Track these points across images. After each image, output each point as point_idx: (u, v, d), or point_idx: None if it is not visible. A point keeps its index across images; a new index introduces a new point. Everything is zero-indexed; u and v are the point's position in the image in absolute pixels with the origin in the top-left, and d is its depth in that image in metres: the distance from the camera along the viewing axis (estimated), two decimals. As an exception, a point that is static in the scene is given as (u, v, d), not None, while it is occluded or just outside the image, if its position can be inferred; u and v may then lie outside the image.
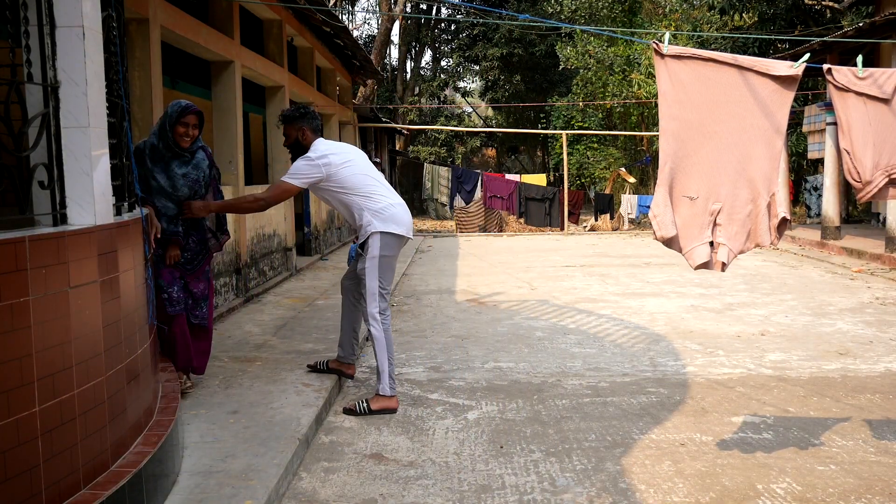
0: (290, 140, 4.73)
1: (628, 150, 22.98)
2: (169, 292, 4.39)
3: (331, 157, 4.58)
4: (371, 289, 4.54)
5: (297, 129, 4.70)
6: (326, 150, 4.62)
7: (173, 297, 4.41)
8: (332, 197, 4.65)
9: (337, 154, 4.63)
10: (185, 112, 4.32)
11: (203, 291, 4.60)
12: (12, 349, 2.34)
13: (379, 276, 4.55)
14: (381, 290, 4.56)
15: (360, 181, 4.61)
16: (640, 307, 7.96)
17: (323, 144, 4.69)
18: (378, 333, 4.55)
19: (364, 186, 4.61)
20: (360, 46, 13.90)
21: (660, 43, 3.53)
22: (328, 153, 4.60)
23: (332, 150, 4.65)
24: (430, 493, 3.41)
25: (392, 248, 4.60)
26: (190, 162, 4.44)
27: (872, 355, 5.82)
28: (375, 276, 4.54)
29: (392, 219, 4.58)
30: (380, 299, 4.55)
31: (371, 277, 4.53)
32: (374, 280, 4.54)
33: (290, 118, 4.71)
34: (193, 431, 3.91)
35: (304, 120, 4.69)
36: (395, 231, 4.57)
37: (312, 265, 11.49)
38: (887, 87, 3.57)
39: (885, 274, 10.10)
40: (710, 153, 3.52)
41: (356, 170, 4.63)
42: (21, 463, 2.37)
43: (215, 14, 8.16)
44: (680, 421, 4.36)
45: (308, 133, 4.70)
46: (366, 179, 4.63)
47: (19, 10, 2.66)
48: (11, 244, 2.36)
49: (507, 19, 24.50)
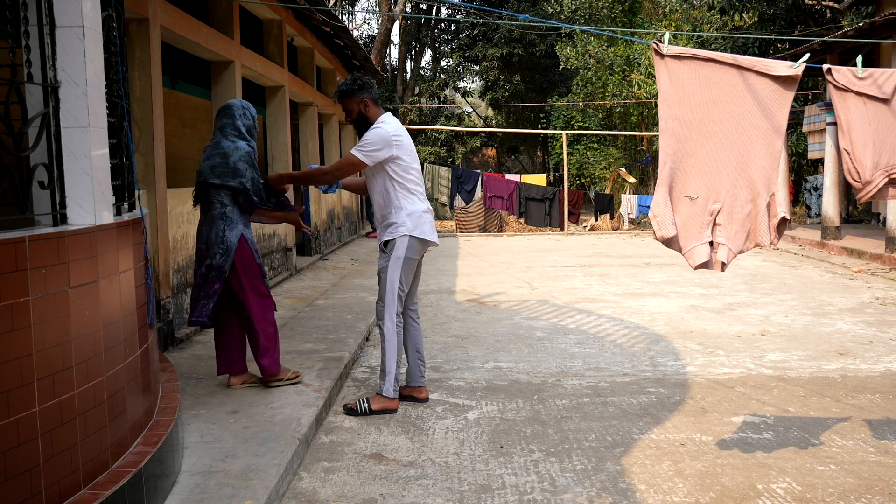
0: (352, 115, 4.52)
1: (628, 150, 22.98)
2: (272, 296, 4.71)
3: (403, 138, 4.43)
4: (391, 288, 4.45)
5: (358, 101, 4.47)
6: (400, 129, 4.45)
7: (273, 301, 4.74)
8: (379, 182, 4.48)
9: (406, 136, 4.49)
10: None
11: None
12: (12, 349, 2.34)
13: (400, 276, 4.46)
14: (400, 291, 4.49)
15: (412, 176, 4.49)
16: (640, 307, 7.96)
17: (395, 120, 4.52)
18: (391, 335, 4.49)
19: (411, 183, 4.48)
20: (359, 46, 13.90)
21: (660, 43, 3.53)
22: (402, 133, 4.44)
23: (403, 130, 4.49)
24: (430, 493, 3.41)
25: (417, 251, 4.51)
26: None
27: (872, 355, 5.82)
28: (397, 275, 4.45)
29: (423, 224, 4.50)
30: (398, 301, 4.49)
31: (393, 276, 4.45)
32: (396, 279, 4.45)
33: (349, 92, 4.46)
34: (193, 431, 3.91)
35: (364, 91, 4.46)
36: (423, 237, 4.50)
37: (312, 265, 11.49)
38: (887, 87, 3.57)
39: (885, 274, 10.10)
40: (710, 153, 3.52)
41: (413, 162, 4.51)
42: (21, 463, 2.37)
43: (215, 14, 8.16)
44: (680, 421, 4.36)
45: (371, 105, 4.49)
46: (416, 175, 4.52)
47: (19, 10, 2.67)
48: (11, 244, 2.36)
49: (507, 19, 24.50)
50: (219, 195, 4.49)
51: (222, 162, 4.44)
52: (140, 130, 5.93)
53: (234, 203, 4.51)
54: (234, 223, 4.50)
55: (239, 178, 4.43)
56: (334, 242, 14.25)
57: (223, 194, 4.49)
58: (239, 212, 4.52)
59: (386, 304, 4.48)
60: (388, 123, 4.46)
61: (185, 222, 6.79)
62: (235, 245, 4.47)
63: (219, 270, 4.47)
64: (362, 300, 8.16)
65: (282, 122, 10.53)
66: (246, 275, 4.53)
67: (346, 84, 4.49)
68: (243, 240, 4.49)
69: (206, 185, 4.50)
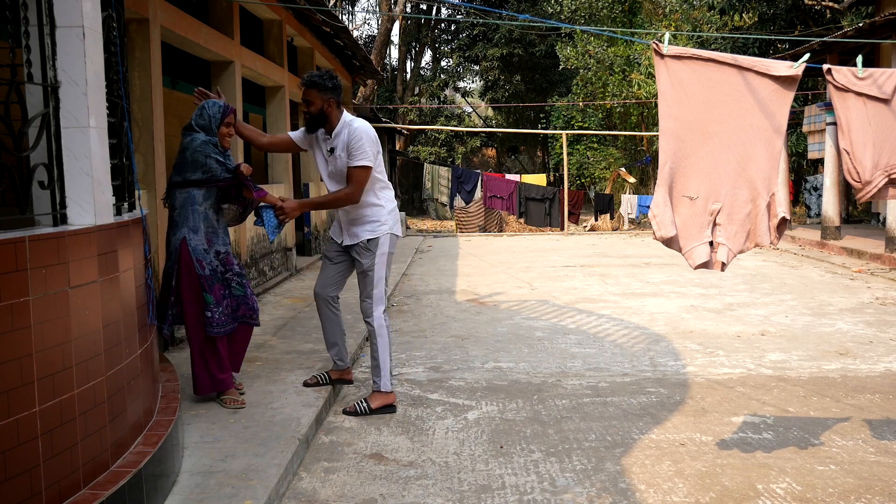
0: (314, 108, 4.39)
1: (628, 150, 22.98)
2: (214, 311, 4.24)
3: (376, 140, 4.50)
4: (380, 285, 4.51)
5: (325, 99, 4.38)
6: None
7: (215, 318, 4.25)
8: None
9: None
10: (226, 112, 4.35)
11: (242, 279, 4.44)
12: (12, 349, 2.34)
13: (386, 272, 4.55)
14: (385, 286, 4.58)
15: (382, 175, 4.55)
16: (640, 307, 7.96)
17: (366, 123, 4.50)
18: (383, 330, 4.53)
19: (384, 181, 4.56)
20: (359, 46, 13.90)
21: (660, 43, 3.53)
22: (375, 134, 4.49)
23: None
24: (430, 493, 3.41)
25: (395, 247, 4.65)
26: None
27: (872, 355, 5.82)
28: (384, 272, 4.52)
29: (398, 221, 4.64)
30: (384, 296, 4.56)
31: (380, 273, 4.50)
32: (383, 276, 4.52)
33: (323, 86, 4.36)
34: (193, 431, 3.91)
35: (335, 92, 4.41)
36: (398, 234, 4.66)
37: (312, 265, 11.49)
38: (887, 87, 3.57)
39: (885, 274, 10.09)
40: (710, 153, 3.52)
41: (380, 158, 4.57)
42: (21, 463, 2.37)
43: (215, 14, 8.16)
44: (680, 421, 4.36)
45: (335, 107, 4.42)
46: (384, 175, 4.57)
47: (19, 10, 2.67)
48: (11, 244, 2.36)
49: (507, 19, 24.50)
50: (171, 198, 4.31)
51: (180, 159, 4.30)
52: (140, 130, 5.93)
53: (184, 204, 4.24)
54: (177, 227, 4.27)
55: (199, 169, 4.22)
56: (334, 242, 14.23)
57: (176, 194, 4.27)
58: (189, 213, 4.24)
59: (375, 301, 4.51)
60: (362, 121, 4.48)
61: (185, 222, 6.79)
62: (177, 250, 4.25)
63: (166, 276, 4.32)
64: (362, 300, 8.16)
65: (282, 122, 10.53)
66: (185, 282, 4.25)
67: (320, 77, 4.39)
68: (184, 244, 4.21)
69: (169, 186, 4.33)
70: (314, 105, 4.39)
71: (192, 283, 4.24)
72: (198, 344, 4.29)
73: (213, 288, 4.25)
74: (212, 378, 4.33)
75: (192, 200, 4.24)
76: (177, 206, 4.27)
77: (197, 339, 4.29)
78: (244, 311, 4.41)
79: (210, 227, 4.31)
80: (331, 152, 4.49)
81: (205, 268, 4.24)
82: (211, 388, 4.34)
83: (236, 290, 4.35)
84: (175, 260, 4.25)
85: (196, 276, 4.23)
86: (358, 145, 4.35)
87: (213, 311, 4.24)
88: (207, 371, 4.32)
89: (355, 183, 4.38)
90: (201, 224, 4.26)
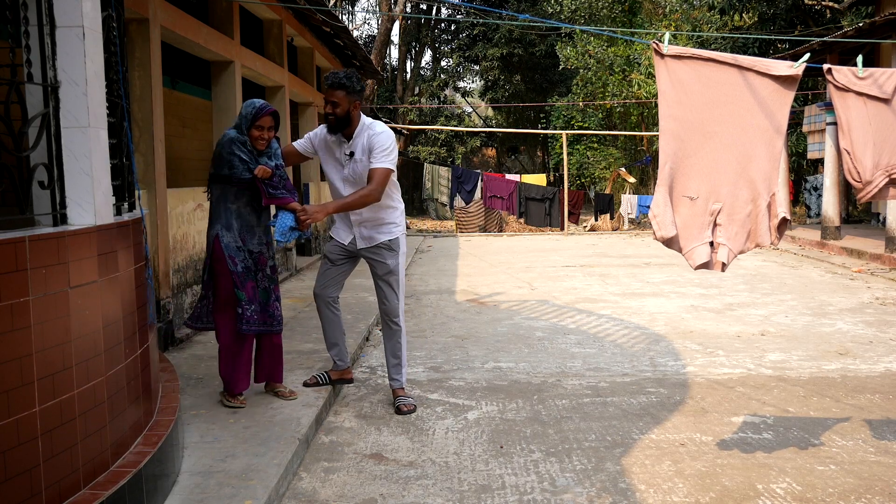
0: (340, 110, 4.29)
1: (628, 150, 22.98)
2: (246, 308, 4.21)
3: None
4: (402, 284, 4.59)
5: (351, 101, 4.30)
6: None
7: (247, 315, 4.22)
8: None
9: None
10: (259, 113, 4.19)
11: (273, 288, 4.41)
12: (12, 349, 2.34)
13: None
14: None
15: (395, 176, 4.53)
16: (640, 307, 7.96)
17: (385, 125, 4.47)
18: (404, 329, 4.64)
19: (395, 182, 4.55)
20: (359, 46, 13.89)
21: (660, 43, 3.53)
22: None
23: None
24: (430, 493, 3.41)
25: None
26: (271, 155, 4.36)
27: (872, 355, 5.82)
28: (404, 271, 4.61)
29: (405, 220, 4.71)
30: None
31: (403, 273, 4.59)
32: (404, 276, 4.61)
33: (351, 88, 4.28)
34: (193, 431, 3.91)
35: (361, 94, 4.35)
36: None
37: (312, 265, 11.49)
38: (887, 86, 3.57)
39: (885, 274, 10.09)
40: (711, 153, 3.51)
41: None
42: (21, 463, 2.37)
43: (215, 14, 8.16)
44: (680, 421, 4.36)
45: (358, 109, 4.36)
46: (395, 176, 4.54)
47: (19, 10, 2.66)
48: (11, 244, 2.36)
49: (507, 19, 24.50)
50: (209, 191, 4.32)
51: (214, 153, 4.31)
52: (140, 130, 5.93)
53: (219, 200, 4.25)
54: (211, 222, 4.29)
55: (225, 165, 4.19)
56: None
57: (212, 189, 4.28)
58: (222, 209, 4.24)
59: (400, 301, 4.57)
60: (382, 123, 4.44)
61: (185, 222, 6.79)
62: (211, 245, 4.26)
63: (203, 271, 4.35)
64: (362, 300, 8.16)
65: (282, 121, 10.53)
66: (218, 277, 4.26)
67: (347, 78, 4.30)
68: (217, 241, 4.21)
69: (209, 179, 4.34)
70: (340, 107, 4.29)
71: (225, 279, 4.22)
72: (226, 340, 4.29)
73: (246, 285, 4.23)
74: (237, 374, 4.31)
75: (225, 197, 4.23)
76: (213, 201, 4.28)
77: (225, 335, 4.28)
78: (264, 318, 4.34)
79: (245, 224, 4.26)
80: (350, 156, 4.41)
81: (237, 264, 4.20)
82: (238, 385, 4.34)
83: (261, 295, 4.30)
84: (209, 255, 4.26)
85: (228, 272, 4.20)
86: (382, 148, 4.31)
87: (245, 308, 4.21)
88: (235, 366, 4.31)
89: (378, 183, 4.29)
90: (234, 221, 4.23)
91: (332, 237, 4.71)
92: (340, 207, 4.34)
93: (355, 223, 4.54)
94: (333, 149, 4.48)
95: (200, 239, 7.16)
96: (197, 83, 10.38)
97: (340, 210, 4.37)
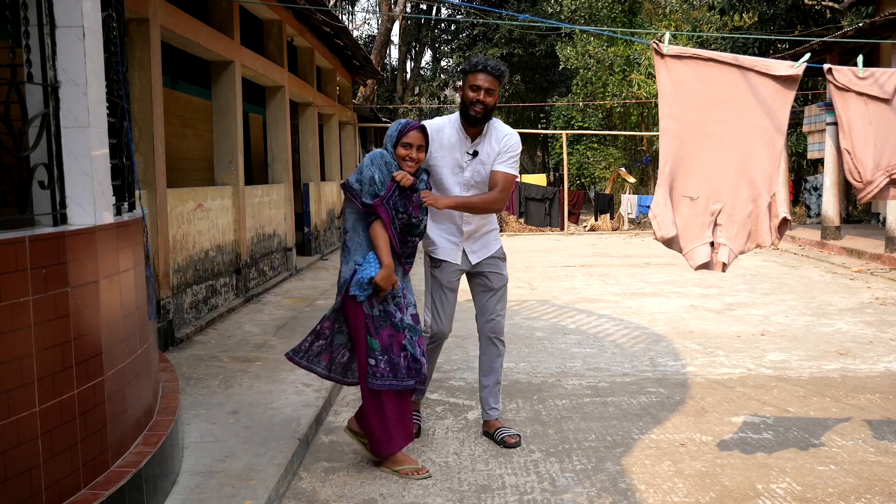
0: (492, 101, 3.83)
1: (628, 150, 22.99)
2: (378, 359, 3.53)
3: None
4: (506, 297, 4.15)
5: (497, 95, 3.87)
6: None
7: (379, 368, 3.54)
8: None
9: None
10: (405, 129, 3.61)
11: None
12: (12, 349, 2.34)
13: None
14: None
15: None
16: (640, 307, 7.96)
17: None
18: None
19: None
20: (359, 46, 13.90)
21: (660, 43, 3.53)
22: None
23: None
24: (429, 493, 3.41)
25: None
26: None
27: (872, 355, 5.82)
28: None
29: None
30: None
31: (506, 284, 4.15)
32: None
33: (503, 79, 3.88)
34: (193, 431, 3.91)
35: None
36: None
37: (312, 265, 11.49)
38: (888, 86, 3.57)
39: (885, 274, 10.09)
40: (711, 153, 3.51)
41: None
42: (21, 463, 2.36)
43: (215, 14, 8.16)
44: (680, 421, 4.36)
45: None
46: None
47: (19, 10, 2.66)
48: (11, 244, 2.36)
49: (507, 19, 24.49)
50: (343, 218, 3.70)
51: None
52: (140, 130, 5.93)
53: (354, 229, 3.61)
54: (349, 253, 3.61)
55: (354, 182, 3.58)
56: (334, 242, 14.25)
57: (346, 214, 3.66)
58: (359, 240, 3.59)
59: (504, 318, 4.16)
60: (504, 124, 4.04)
61: (185, 222, 6.79)
62: (345, 281, 3.60)
63: (331, 309, 3.72)
64: (362, 300, 8.15)
65: (282, 122, 10.53)
66: (352, 322, 3.61)
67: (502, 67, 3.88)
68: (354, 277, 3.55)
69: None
70: (494, 97, 3.84)
71: (358, 324, 3.57)
72: (364, 395, 3.65)
73: (381, 332, 3.55)
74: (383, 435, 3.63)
75: (363, 225, 3.60)
76: (348, 228, 3.64)
77: (364, 388, 3.65)
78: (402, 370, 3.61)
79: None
80: (472, 156, 3.92)
81: (374, 306, 3.55)
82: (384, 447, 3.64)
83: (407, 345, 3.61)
84: (340, 293, 3.62)
85: (362, 316, 3.55)
86: (514, 152, 3.93)
87: (378, 359, 3.53)
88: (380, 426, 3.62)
89: (503, 190, 3.88)
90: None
91: (439, 260, 4.02)
92: (461, 205, 3.83)
93: (466, 235, 3.99)
94: (453, 148, 3.92)
95: (200, 239, 7.17)
96: (197, 83, 10.38)
97: (460, 207, 3.85)
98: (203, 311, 7.05)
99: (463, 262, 4.02)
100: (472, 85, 3.82)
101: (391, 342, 3.56)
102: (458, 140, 3.92)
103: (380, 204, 3.50)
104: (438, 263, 4.01)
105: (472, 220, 3.97)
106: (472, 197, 3.90)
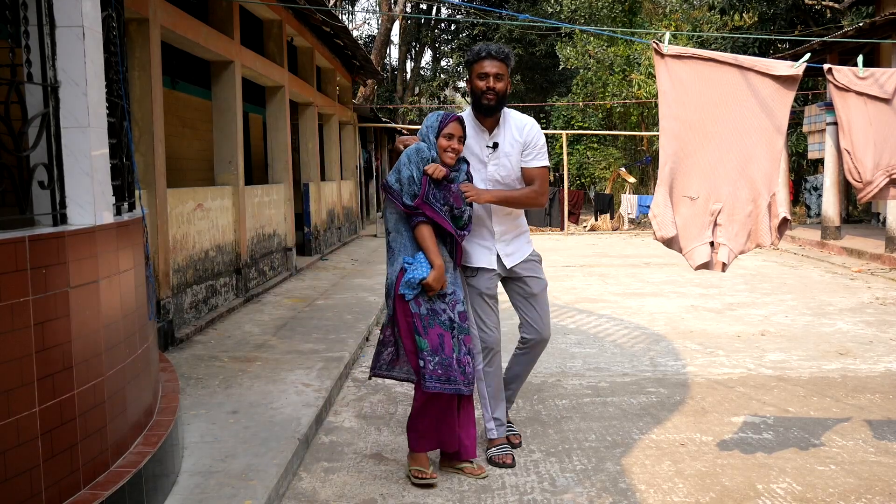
0: (502, 86, 3.70)
1: (628, 150, 22.99)
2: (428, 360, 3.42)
3: None
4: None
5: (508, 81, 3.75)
6: None
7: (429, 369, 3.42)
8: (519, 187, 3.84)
9: None
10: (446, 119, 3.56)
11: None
12: (12, 349, 2.34)
13: None
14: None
15: None
16: (640, 307, 7.96)
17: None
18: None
19: None
20: (359, 46, 13.91)
21: (660, 43, 3.53)
22: None
23: None
24: (430, 494, 3.41)
25: None
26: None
27: (872, 355, 5.82)
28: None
29: None
30: None
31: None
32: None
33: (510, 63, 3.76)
34: (193, 431, 3.91)
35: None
36: None
37: (312, 265, 11.49)
38: (888, 86, 3.56)
39: (885, 274, 10.09)
40: (711, 153, 3.51)
41: None
42: (21, 463, 2.36)
43: (215, 14, 8.16)
44: (680, 421, 4.36)
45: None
46: None
47: (19, 10, 2.66)
48: (11, 244, 2.36)
49: (507, 19, 24.50)
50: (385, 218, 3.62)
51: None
52: (140, 130, 5.93)
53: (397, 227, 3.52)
54: (394, 254, 3.52)
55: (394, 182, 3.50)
56: (334, 242, 14.25)
57: (387, 214, 3.56)
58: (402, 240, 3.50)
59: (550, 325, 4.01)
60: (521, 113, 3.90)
61: (185, 222, 6.79)
62: (392, 283, 3.51)
63: (386, 317, 3.62)
64: (362, 300, 8.16)
65: (282, 122, 10.54)
66: (402, 324, 3.51)
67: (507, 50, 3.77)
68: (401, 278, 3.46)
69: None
70: (503, 82, 3.70)
71: (408, 325, 3.48)
72: (417, 396, 3.57)
73: (430, 331, 3.44)
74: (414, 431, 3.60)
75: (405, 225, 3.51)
76: (390, 228, 3.56)
77: (417, 390, 3.56)
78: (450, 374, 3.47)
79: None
80: (493, 148, 3.76)
81: (421, 305, 3.45)
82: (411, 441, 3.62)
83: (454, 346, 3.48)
84: (390, 296, 3.53)
85: (410, 315, 3.46)
86: (542, 144, 3.77)
87: (427, 361, 3.42)
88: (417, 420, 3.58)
89: (543, 182, 3.74)
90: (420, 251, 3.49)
91: (474, 268, 3.82)
92: (504, 199, 3.67)
93: (498, 236, 3.83)
94: (472, 143, 3.77)
95: (200, 239, 7.17)
96: (197, 83, 10.38)
97: (503, 202, 3.69)
98: (203, 311, 7.05)
99: (498, 265, 3.84)
100: (480, 73, 3.69)
101: (441, 342, 3.44)
102: (476, 134, 3.78)
103: (421, 202, 3.41)
104: (474, 272, 3.81)
105: (504, 222, 3.82)
106: (513, 191, 3.75)
